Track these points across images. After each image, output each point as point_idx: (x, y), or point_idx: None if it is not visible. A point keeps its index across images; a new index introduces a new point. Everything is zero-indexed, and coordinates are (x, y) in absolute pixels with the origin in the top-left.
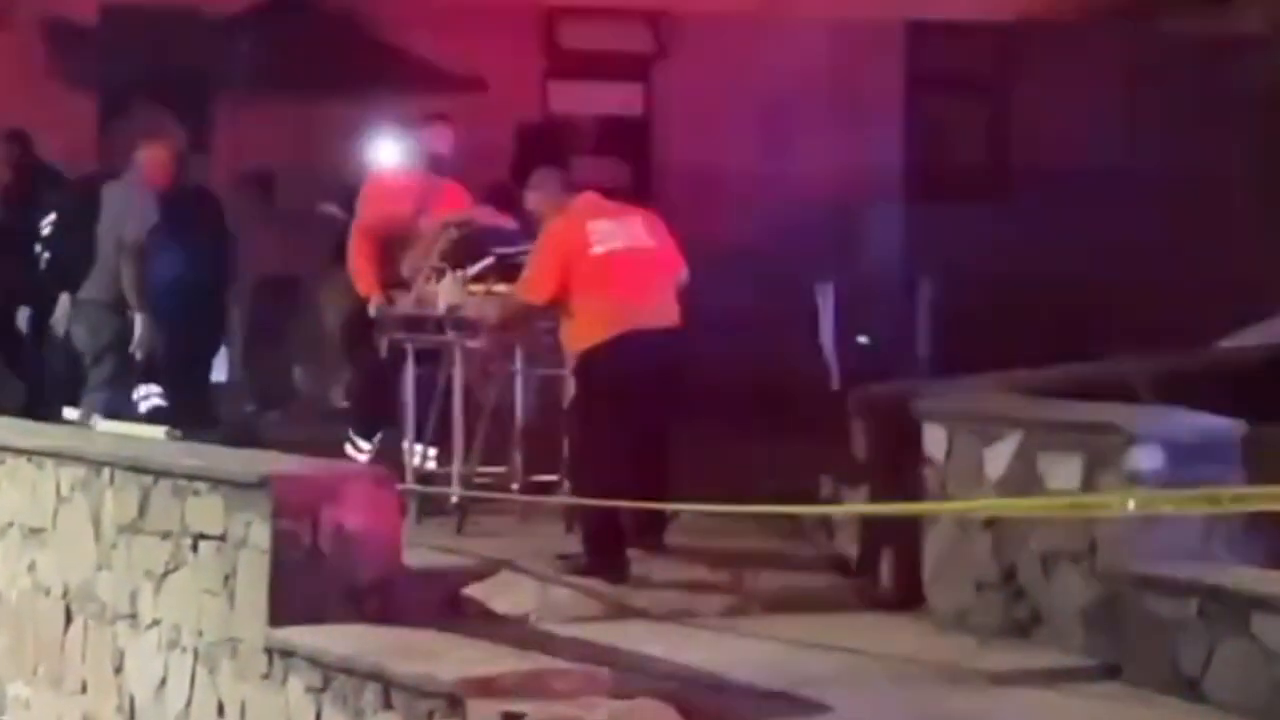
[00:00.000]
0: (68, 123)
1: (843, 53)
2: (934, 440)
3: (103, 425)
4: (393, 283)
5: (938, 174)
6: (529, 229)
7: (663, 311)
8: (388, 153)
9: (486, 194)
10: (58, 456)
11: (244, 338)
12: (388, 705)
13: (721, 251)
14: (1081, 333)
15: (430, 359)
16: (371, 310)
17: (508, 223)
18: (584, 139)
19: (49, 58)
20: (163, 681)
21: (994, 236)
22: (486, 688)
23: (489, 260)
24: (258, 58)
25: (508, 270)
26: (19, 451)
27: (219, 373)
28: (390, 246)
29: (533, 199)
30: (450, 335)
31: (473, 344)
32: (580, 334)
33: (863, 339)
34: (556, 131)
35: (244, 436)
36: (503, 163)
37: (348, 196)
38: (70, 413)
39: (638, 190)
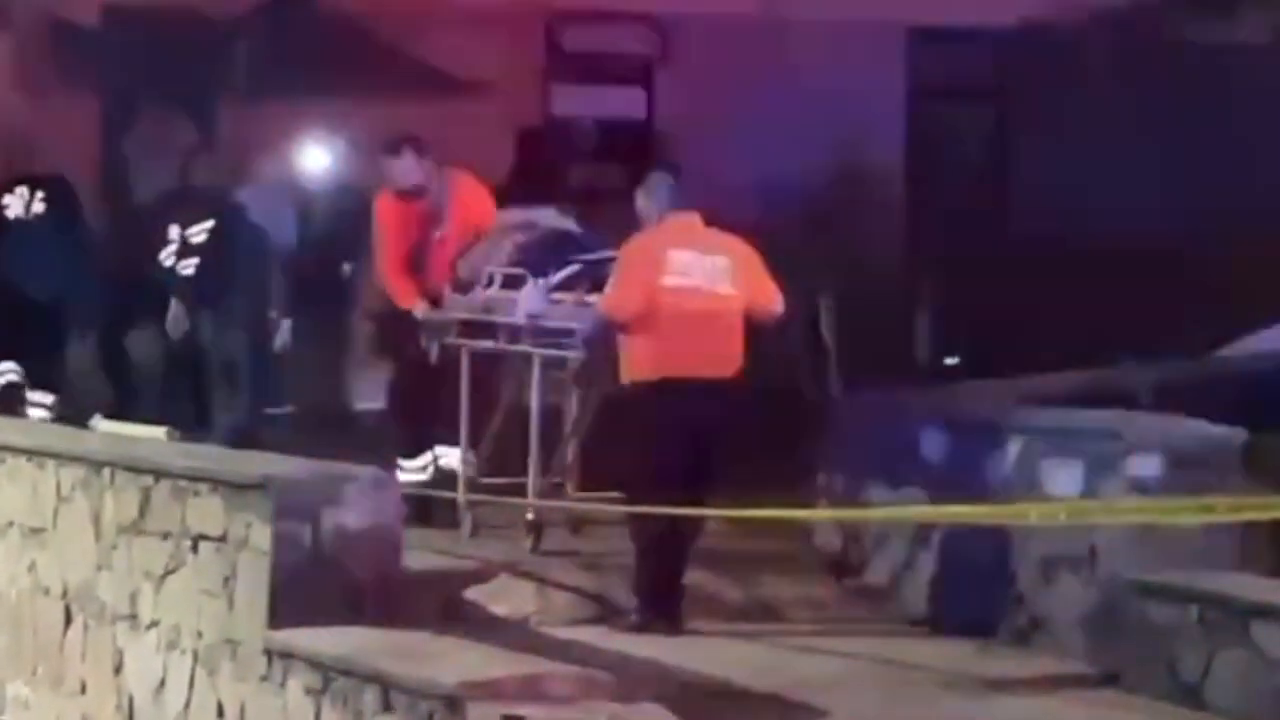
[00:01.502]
0: (70, 124)
1: (844, 57)
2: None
3: (103, 425)
4: (434, 289)
5: (939, 181)
6: (599, 235)
7: (717, 361)
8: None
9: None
10: (58, 456)
11: None
12: (387, 707)
13: None
14: (1083, 340)
15: (488, 363)
16: (418, 313)
17: (572, 226)
18: (586, 143)
19: (50, 59)
20: (162, 682)
21: (995, 243)
22: (487, 690)
23: (575, 267)
24: (260, 59)
25: (603, 280)
26: (19, 451)
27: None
28: (417, 256)
29: (640, 200)
30: (528, 344)
31: (574, 355)
32: (629, 364)
33: (952, 360)
34: (559, 135)
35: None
36: (504, 166)
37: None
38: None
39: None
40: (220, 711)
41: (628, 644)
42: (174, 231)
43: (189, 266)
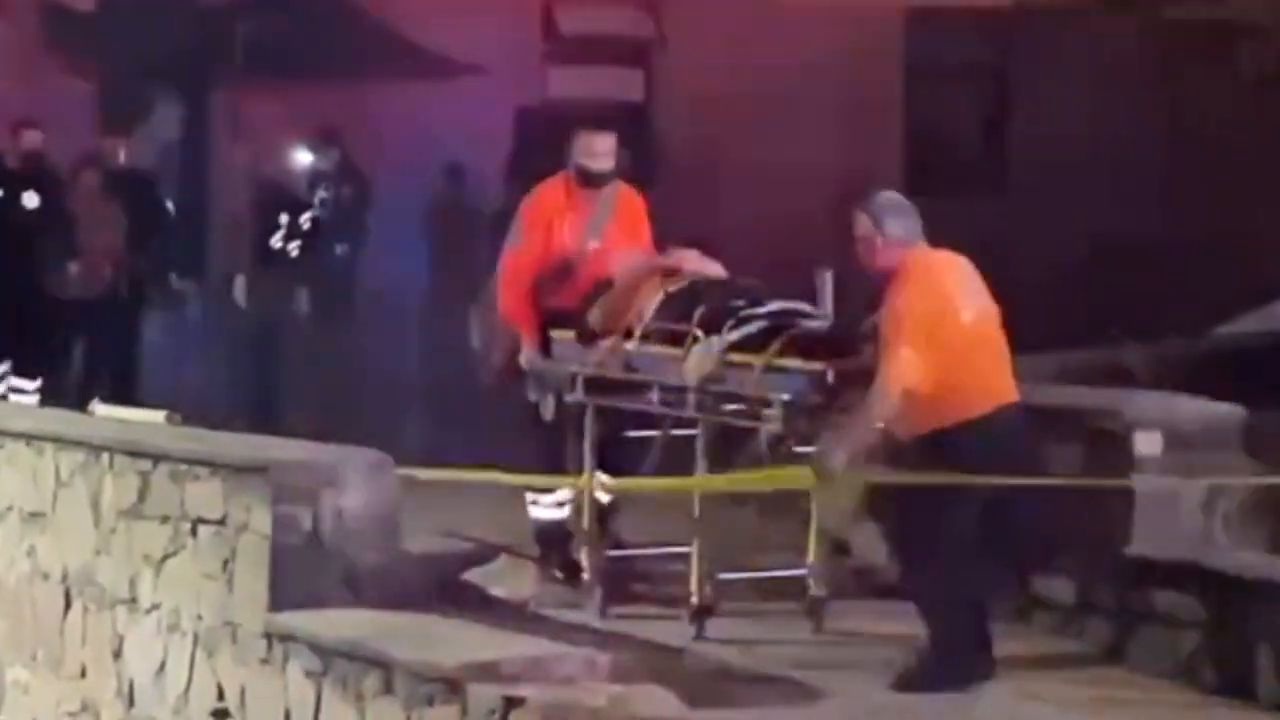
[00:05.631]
0: (66, 108)
1: (842, 39)
2: None
3: (102, 410)
4: (549, 325)
5: (937, 162)
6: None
7: (1013, 384)
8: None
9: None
10: (57, 441)
11: None
12: (388, 690)
13: (720, 238)
14: (1081, 321)
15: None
16: (524, 361)
17: (716, 268)
18: (583, 124)
19: (47, 43)
20: (162, 665)
21: (993, 225)
22: (487, 672)
23: (759, 325)
24: (255, 43)
25: (808, 344)
26: (18, 435)
27: None
28: (571, 264)
29: (866, 226)
30: (693, 411)
31: (770, 427)
32: (939, 410)
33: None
34: (556, 117)
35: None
36: (502, 149)
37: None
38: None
39: (637, 177)
40: (220, 694)
41: (628, 625)
42: (284, 218)
43: (295, 248)
